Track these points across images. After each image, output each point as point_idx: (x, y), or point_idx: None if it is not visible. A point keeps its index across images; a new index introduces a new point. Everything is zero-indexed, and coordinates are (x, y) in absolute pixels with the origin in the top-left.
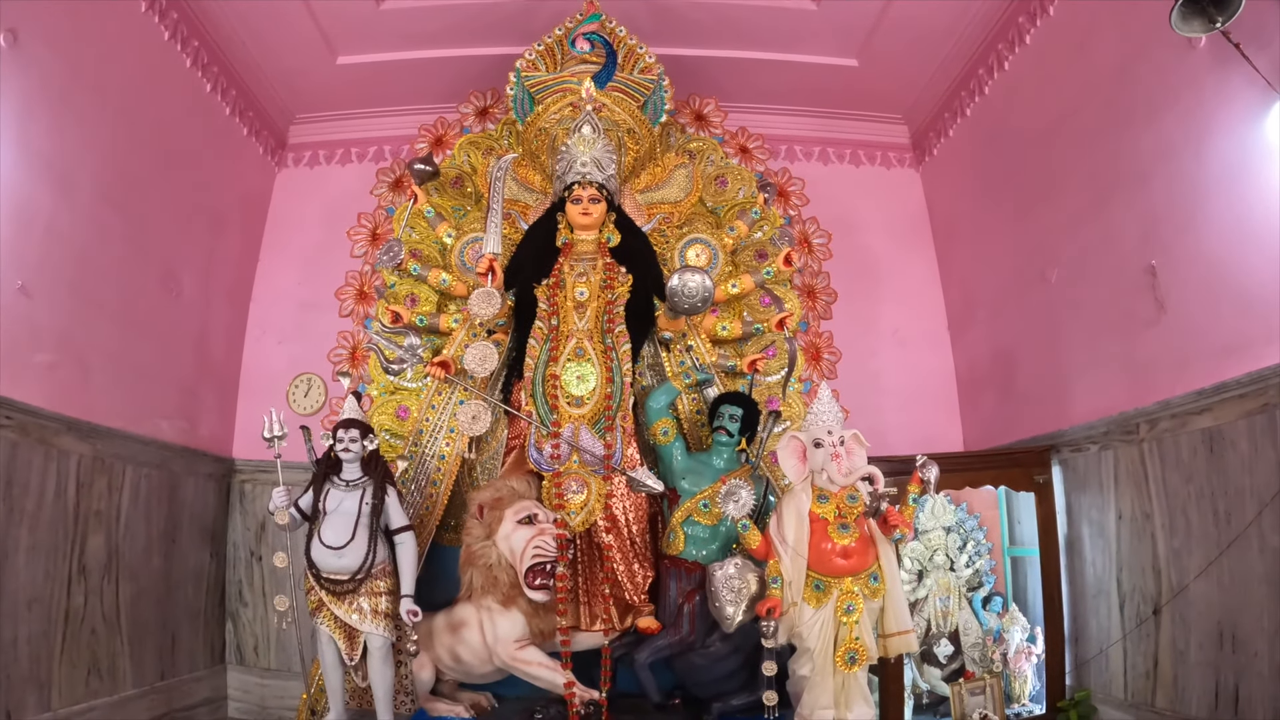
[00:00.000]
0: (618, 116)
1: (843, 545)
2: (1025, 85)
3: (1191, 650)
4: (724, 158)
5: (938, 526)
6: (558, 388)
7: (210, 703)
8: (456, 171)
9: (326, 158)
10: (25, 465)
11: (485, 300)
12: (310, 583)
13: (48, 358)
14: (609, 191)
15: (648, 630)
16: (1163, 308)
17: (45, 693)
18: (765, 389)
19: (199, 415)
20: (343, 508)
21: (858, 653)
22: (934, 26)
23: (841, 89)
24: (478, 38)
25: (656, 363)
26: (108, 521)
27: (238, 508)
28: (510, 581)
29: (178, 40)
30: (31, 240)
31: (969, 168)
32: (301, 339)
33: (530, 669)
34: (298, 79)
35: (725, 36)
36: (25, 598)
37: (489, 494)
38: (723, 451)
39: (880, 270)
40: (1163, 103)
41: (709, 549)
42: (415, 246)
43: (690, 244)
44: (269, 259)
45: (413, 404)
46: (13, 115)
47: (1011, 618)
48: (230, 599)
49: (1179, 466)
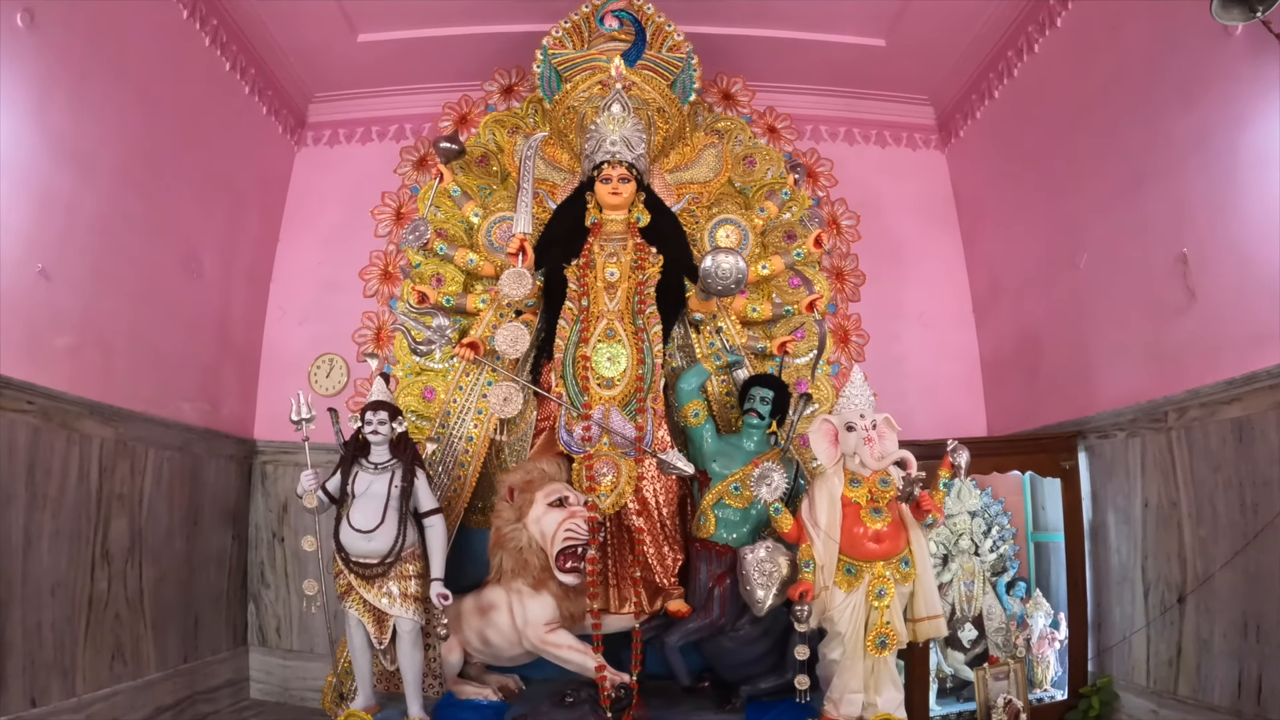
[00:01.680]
0: (647, 95)
1: (875, 529)
2: (1055, 68)
3: (1215, 639)
4: (752, 138)
5: (963, 511)
6: (589, 369)
7: (233, 684)
8: (482, 150)
9: (346, 136)
10: (48, 450)
11: (516, 281)
12: (339, 566)
13: (69, 341)
14: (638, 171)
15: (677, 613)
16: (1193, 296)
17: (69, 678)
18: (794, 371)
19: (220, 397)
20: (371, 491)
21: (888, 637)
22: (963, 7)
23: (868, 69)
24: (500, 14)
25: (686, 344)
26: (130, 505)
27: (259, 489)
28: (541, 564)
29: (196, 19)
30: (51, 222)
31: (996, 150)
32: (323, 319)
33: (560, 652)
34: (318, 57)
35: (752, 15)
36: (49, 583)
37: (519, 476)
38: (753, 434)
39: (905, 252)
40: (1196, 89)
41: (740, 532)
42: (441, 226)
43: (720, 224)
44: (289, 239)
45: (439, 385)
46: (31, 96)
47: (1035, 603)
48: (252, 581)
49: (1207, 455)
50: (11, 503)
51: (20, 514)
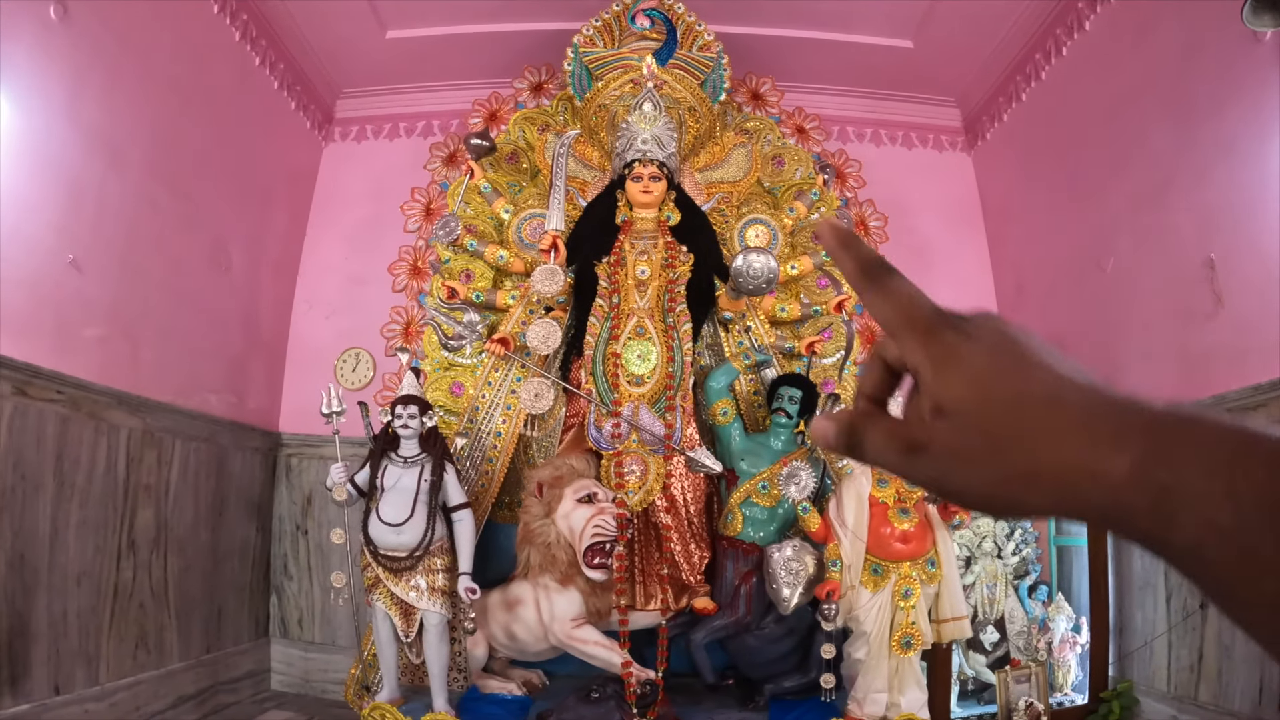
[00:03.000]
0: (679, 94)
1: (902, 530)
2: (1083, 72)
3: (1237, 645)
4: (780, 138)
5: None
6: (619, 366)
7: (254, 675)
8: (512, 147)
9: (374, 132)
10: (76, 440)
11: (549, 278)
12: (367, 559)
13: (98, 331)
14: (669, 169)
15: (703, 611)
16: (1220, 302)
17: (94, 666)
18: (821, 371)
19: (246, 389)
20: (401, 484)
21: (913, 637)
22: (991, 9)
23: (895, 70)
24: (529, 12)
25: (715, 343)
26: (157, 495)
27: (283, 481)
28: (569, 560)
29: (227, 13)
30: (82, 214)
31: (1023, 153)
32: (349, 313)
33: (586, 648)
34: (346, 53)
35: (780, 15)
36: (75, 572)
37: (548, 472)
38: (781, 433)
39: (930, 253)
40: (1226, 95)
41: (766, 530)
42: (471, 222)
43: (750, 224)
44: (316, 233)
45: (467, 380)
46: (64, 88)
47: (1057, 607)
48: (275, 572)
49: None
50: (39, 492)
51: (48, 503)
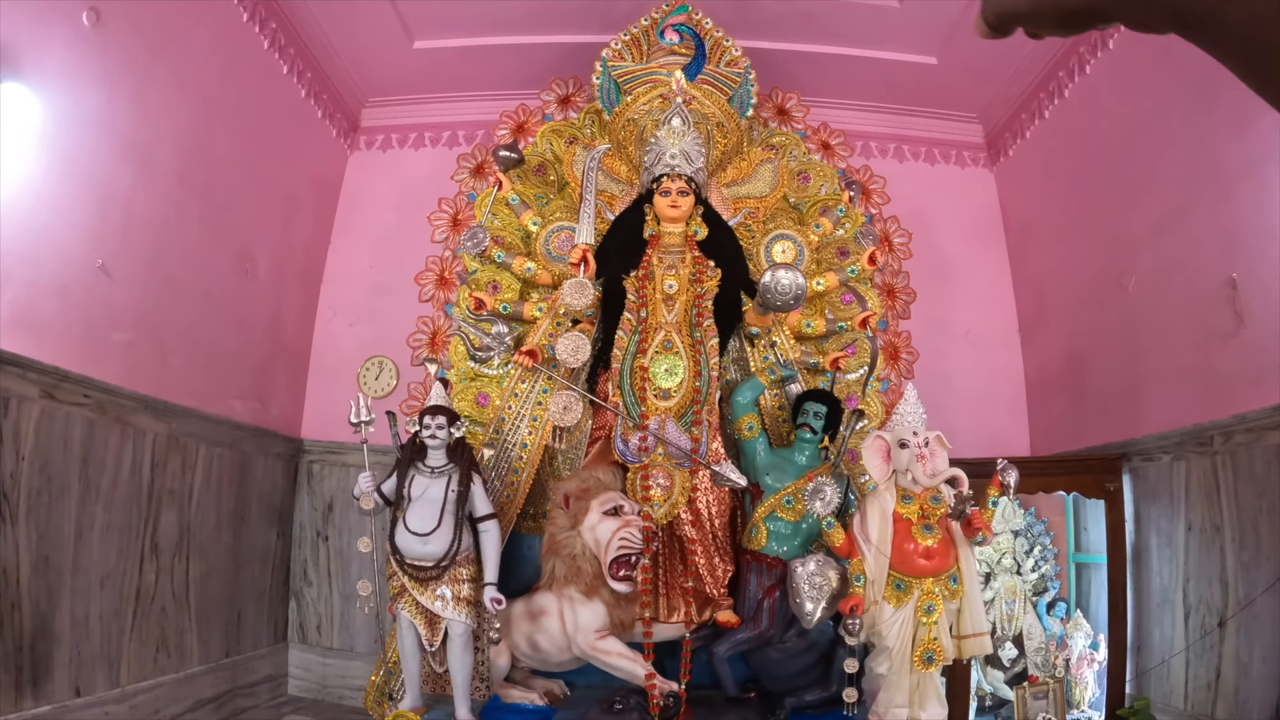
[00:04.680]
0: (707, 109)
1: (925, 546)
2: (1106, 90)
3: (1255, 664)
4: (806, 153)
5: (1007, 530)
6: (646, 380)
7: (272, 680)
8: (539, 159)
9: (400, 141)
10: (102, 443)
11: (578, 291)
12: (393, 568)
13: (125, 336)
14: (697, 184)
15: (726, 624)
16: (1242, 321)
17: (115, 669)
18: (845, 387)
19: (270, 395)
20: (428, 494)
21: (935, 653)
22: None
23: (919, 86)
24: (557, 25)
25: (741, 357)
26: (180, 500)
27: (305, 488)
28: (594, 572)
29: (256, 22)
30: (111, 220)
31: (1045, 170)
32: (373, 322)
33: (610, 659)
34: (373, 62)
35: (806, 31)
36: (99, 575)
37: (575, 484)
38: (805, 448)
39: (952, 270)
40: (1248, 115)
41: (790, 545)
42: (498, 233)
43: (776, 240)
44: (341, 241)
45: (493, 391)
46: (96, 94)
47: (1075, 624)
48: (294, 578)
49: (1252, 480)
50: (65, 494)
51: (73, 506)
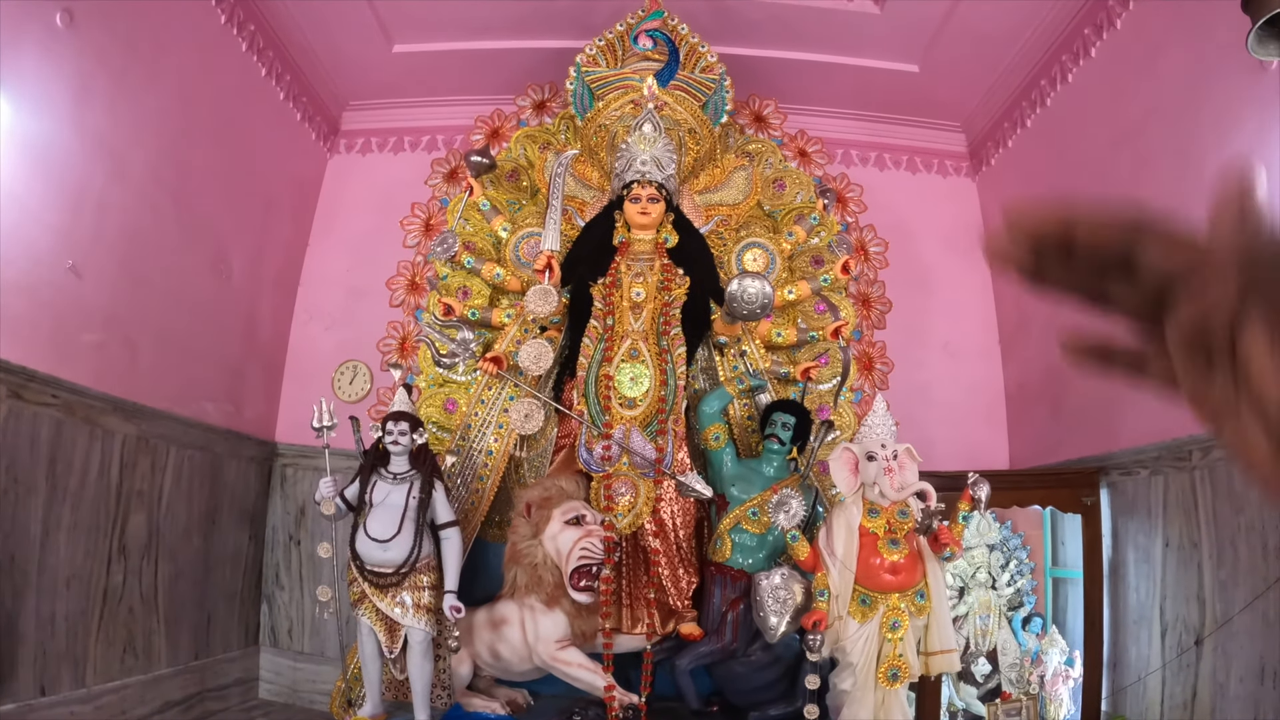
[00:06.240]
0: (679, 115)
1: (892, 561)
2: (1089, 100)
3: (1231, 683)
4: (782, 161)
5: (982, 544)
6: (611, 388)
7: (242, 683)
8: (513, 165)
9: (379, 145)
10: (70, 444)
11: (542, 298)
12: (353, 574)
13: (95, 337)
14: (668, 191)
15: (690, 636)
16: None
17: (80, 669)
18: (817, 397)
19: (243, 398)
20: (389, 500)
21: (900, 669)
22: (997, 34)
23: (900, 94)
24: (535, 30)
25: (710, 366)
26: (149, 502)
27: (278, 491)
28: (555, 581)
29: (234, 24)
30: (83, 220)
31: (1028, 179)
32: (349, 325)
33: (570, 669)
34: (353, 66)
35: (786, 37)
36: (65, 575)
37: (537, 492)
38: (773, 459)
39: (932, 280)
40: (1230, 124)
41: (755, 557)
42: (469, 239)
43: (748, 248)
44: (318, 244)
45: (461, 398)
46: (69, 94)
47: (1050, 640)
48: (266, 582)
49: (1230, 497)
50: (32, 494)
51: (40, 506)
